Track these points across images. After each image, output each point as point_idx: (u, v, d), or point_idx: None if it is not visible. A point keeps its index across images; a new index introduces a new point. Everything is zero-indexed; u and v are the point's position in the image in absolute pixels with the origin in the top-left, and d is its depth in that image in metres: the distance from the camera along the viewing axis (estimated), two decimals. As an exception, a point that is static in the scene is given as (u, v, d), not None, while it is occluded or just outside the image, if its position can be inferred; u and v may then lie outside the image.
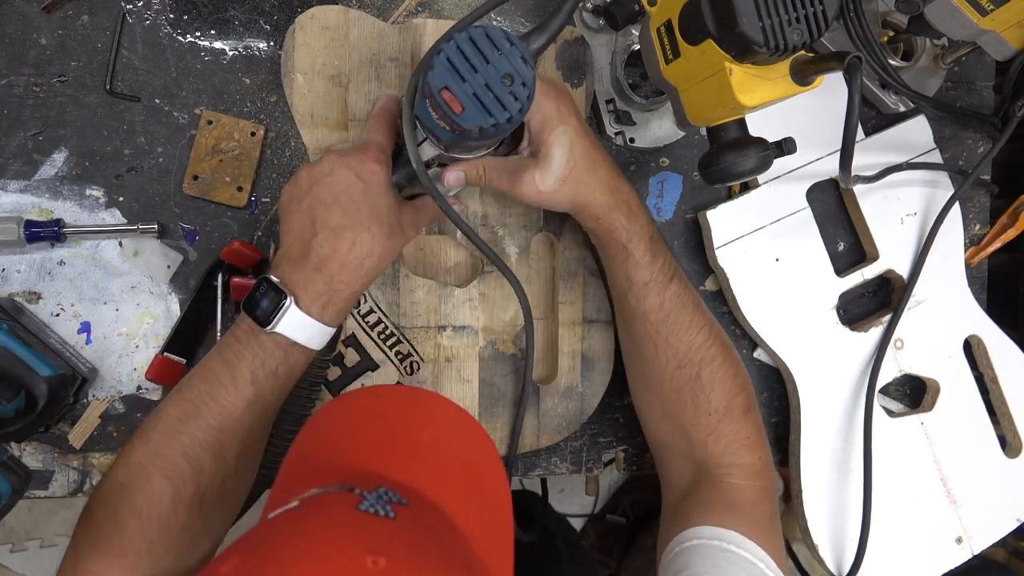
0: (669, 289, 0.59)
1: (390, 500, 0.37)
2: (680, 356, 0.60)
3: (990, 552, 0.91)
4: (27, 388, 0.61)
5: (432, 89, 0.47)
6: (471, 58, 0.47)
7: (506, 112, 0.48)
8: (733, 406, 0.59)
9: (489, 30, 0.48)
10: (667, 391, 0.61)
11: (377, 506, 0.36)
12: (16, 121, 0.65)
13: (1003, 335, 0.78)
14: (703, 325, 0.60)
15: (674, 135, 0.72)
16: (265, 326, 0.54)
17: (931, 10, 0.63)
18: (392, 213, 0.58)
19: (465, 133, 0.48)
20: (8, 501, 0.53)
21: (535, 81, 0.49)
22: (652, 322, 0.60)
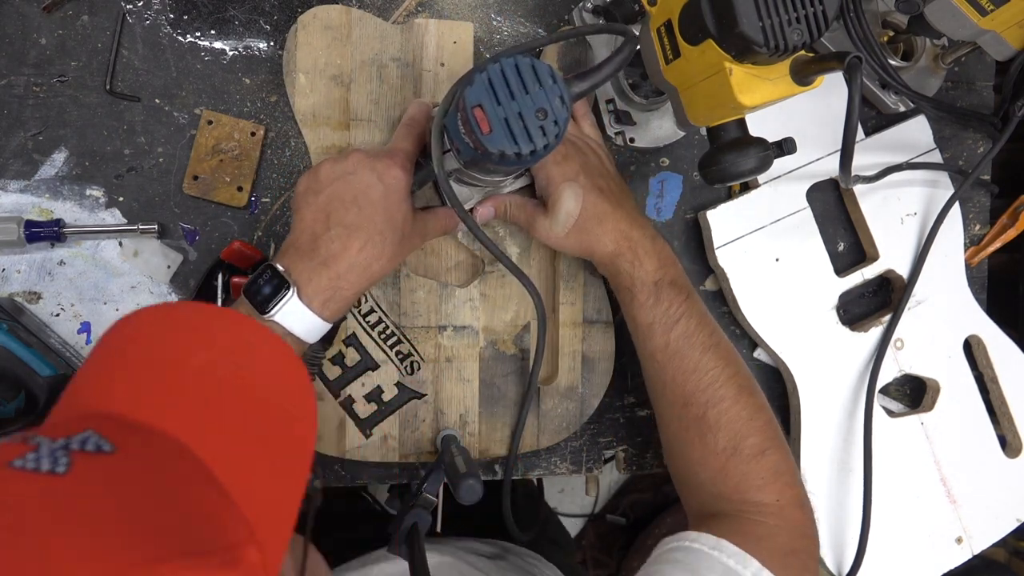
0: (674, 331, 0.60)
1: (81, 449, 0.29)
2: (687, 396, 0.60)
3: (990, 552, 0.90)
4: (27, 388, 0.61)
5: (467, 103, 0.48)
6: (512, 84, 0.48)
7: (531, 144, 0.48)
8: (742, 448, 0.59)
9: (537, 64, 0.48)
10: (675, 429, 0.62)
11: (43, 460, 0.28)
12: (16, 121, 0.65)
13: (1003, 335, 0.78)
14: (713, 367, 0.60)
15: (674, 135, 0.72)
16: (264, 312, 0.54)
17: (931, 10, 0.63)
18: (406, 222, 0.58)
19: (487, 154, 0.49)
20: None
21: (567, 123, 0.49)
22: (659, 361, 0.62)
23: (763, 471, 0.59)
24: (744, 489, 0.58)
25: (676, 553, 0.54)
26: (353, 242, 0.56)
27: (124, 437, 0.31)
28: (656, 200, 0.75)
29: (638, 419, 0.76)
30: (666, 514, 1.55)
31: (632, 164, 0.74)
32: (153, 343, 0.37)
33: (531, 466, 0.74)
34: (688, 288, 0.62)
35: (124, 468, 0.30)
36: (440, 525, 0.65)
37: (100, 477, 0.29)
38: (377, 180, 0.56)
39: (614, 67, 0.51)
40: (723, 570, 0.52)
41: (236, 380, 0.36)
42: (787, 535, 0.57)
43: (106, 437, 0.30)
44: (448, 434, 0.68)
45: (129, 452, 0.30)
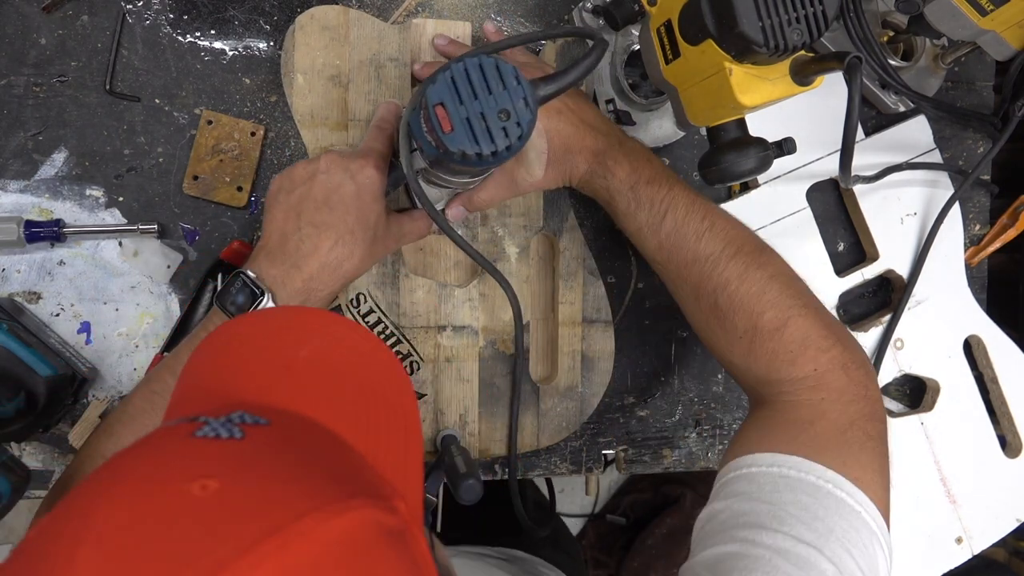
0: (663, 229, 0.59)
1: (243, 422, 0.33)
2: (695, 288, 0.59)
3: (990, 552, 0.91)
4: (27, 388, 0.61)
5: (428, 102, 0.47)
6: (475, 84, 0.47)
7: (493, 145, 0.48)
8: (760, 326, 0.56)
9: (501, 64, 0.48)
10: (699, 324, 0.61)
11: (220, 430, 0.32)
12: (16, 121, 0.65)
13: (1003, 335, 0.78)
14: (711, 252, 0.57)
15: (674, 135, 0.72)
16: None
17: (931, 10, 0.63)
18: (379, 222, 0.58)
19: (448, 154, 0.48)
20: (8, 501, 0.53)
21: (531, 126, 0.49)
22: (660, 262, 0.61)
23: (789, 344, 0.55)
24: (777, 368, 0.55)
25: (738, 484, 0.51)
26: (324, 241, 0.55)
27: (271, 415, 0.34)
28: (656, 200, 0.75)
29: (638, 419, 0.76)
30: (666, 514, 1.55)
31: (632, 164, 0.74)
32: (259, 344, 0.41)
33: (531, 466, 0.74)
34: (669, 179, 0.60)
35: (284, 435, 0.33)
36: (440, 525, 0.65)
37: (271, 441, 0.32)
38: (349, 179, 0.56)
39: (582, 71, 0.51)
40: (787, 485, 0.48)
41: (339, 367, 0.40)
42: (836, 407, 0.53)
43: (257, 415, 0.34)
44: (448, 434, 0.68)
45: (281, 424, 0.34)
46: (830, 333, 0.56)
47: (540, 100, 0.50)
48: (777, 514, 0.47)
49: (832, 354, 0.55)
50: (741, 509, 0.48)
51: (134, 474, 0.30)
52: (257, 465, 0.30)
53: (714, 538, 0.48)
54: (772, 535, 0.46)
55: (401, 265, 0.68)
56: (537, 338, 0.72)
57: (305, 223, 0.56)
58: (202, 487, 0.28)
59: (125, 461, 0.31)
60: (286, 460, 0.31)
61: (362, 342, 0.41)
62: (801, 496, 0.48)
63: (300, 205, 0.56)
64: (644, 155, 0.60)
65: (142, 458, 0.31)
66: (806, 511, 0.47)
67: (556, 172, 0.61)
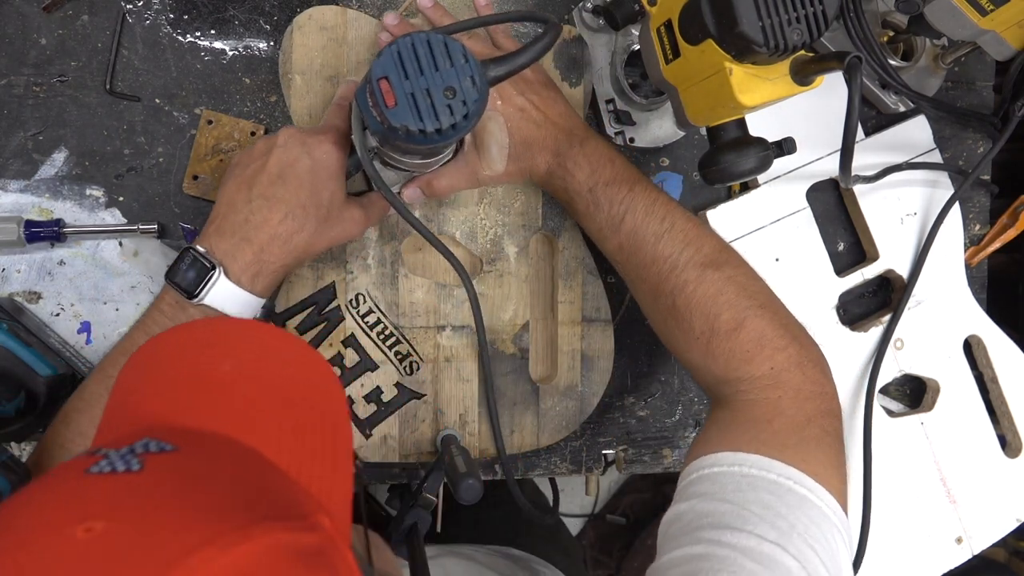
0: (622, 230, 0.59)
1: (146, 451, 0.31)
2: (653, 289, 0.59)
3: (990, 552, 0.90)
4: (27, 388, 0.61)
5: (373, 75, 0.47)
6: (421, 59, 0.47)
7: (436, 122, 0.47)
8: (717, 327, 0.56)
9: (450, 42, 0.48)
10: (657, 323, 0.61)
11: (117, 463, 0.30)
12: (16, 121, 0.65)
13: (1003, 335, 0.78)
14: (669, 254, 0.58)
15: (674, 135, 0.72)
16: (192, 298, 0.53)
17: (931, 10, 0.63)
18: (334, 200, 0.57)
19: (392, 130, 0.48)
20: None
21: (480, 105, 0.48)
22: (619, 262, 0.62)
23: (745, 344, 0.56)
24: (735, 367, 0.56)
25: (701, 485, 0.51)
26: (273, 214, 0.55)
27: (180, 439, 0.32)
28: (656, 200, 0.75)
29: (638, 419, 0.76)
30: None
31: (632, 164, 0.74)
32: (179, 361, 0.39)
33: (531, 466, 0.74)
34: (630, 180, 0.60)
35: (191, 461, 0.31)
36: (440, 525, 0.65)
37: (173, 469, 0.30)
38: (306, 154, 0.56)
39: (533, 54, 0.51)
40: (749, 484, 0.49)
41: (262, 378, 0.38)
42: (793, 404, 0.54)
43: (164, 440, 0.32)
44: (448, 434, 0.68)
45: (191, 449, 0.32)
46: (786, 332, 0.57)
47: (491, 81, 0.50)
48: (741, 514, 0.47)
49: (788, 352, 0.56)
50: (705, 510, 0.49)
51: (22, 520, 0.29)
52: (151, 499, 0.29)
53: (679, 539, 0.48)
54: (736, 534, 0.46)
55: (400, 265, 0.68)
56: (537, 338, 0.72)
57: (256, 196, 0.55)
58: (86, 530, 0.27)
59: (17, 505, 0.30)
60: (184, 490, 0.29)
61: (290, 350, 0.40)
62: (763, 494, 0.48)
63: (253, 178, 0.56)
64: (606, 156, 0.60)
65: (33, 502, 0.30)
66: (769, 509, 0.47)
67: (516, 167, 0.62)
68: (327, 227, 0.58)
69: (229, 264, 0.54)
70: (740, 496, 0.48)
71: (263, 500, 0.30)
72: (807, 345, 0.57)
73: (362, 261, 0.67)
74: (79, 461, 0.31)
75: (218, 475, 0.31)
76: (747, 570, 0.44)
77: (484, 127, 0.60)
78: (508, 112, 0.60)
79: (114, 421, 0.37)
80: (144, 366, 0.39)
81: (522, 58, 0.51)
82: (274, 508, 0.30)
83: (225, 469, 0.32)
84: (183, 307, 0.54)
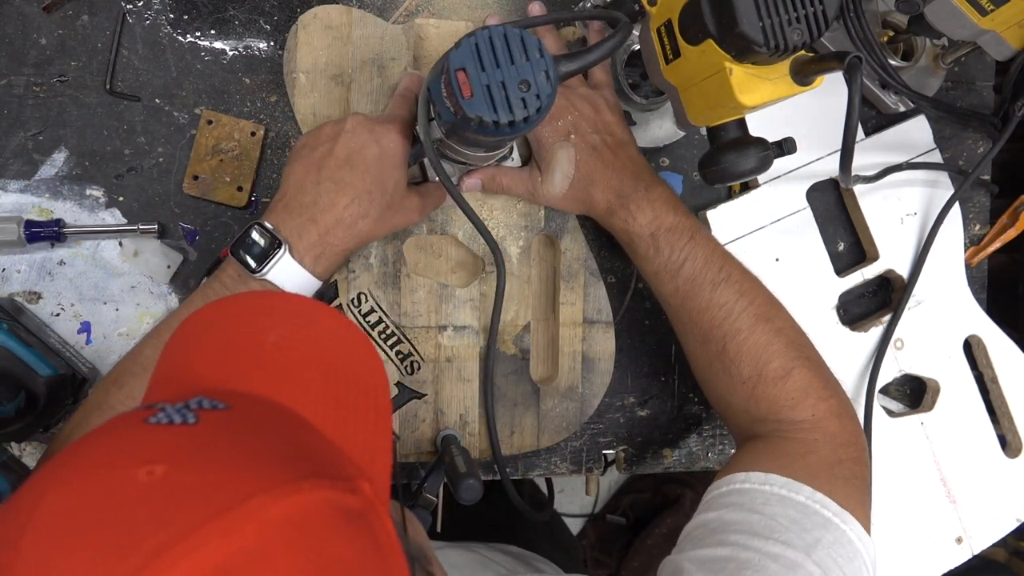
0: (680, 276, 0.61)
1: (200, 407, 0.32)
2: (704, 333, 0.61)
3: (990, 552, 0.91)
4: (27, 388, 0.61)
5: (450, 66, 0.48)
6: (498, 52, 0.48)
7: (511, 114, 0.48)
8: (765, 373, 0.59)
9: (526, 36, 0.48)
10: (701, 366, 0.63)
11: (174, 415, 0.32)
12: (16, 121, 0.65)
13: (1003, 335, 0.78)
14: (724, 302, 0.60)
15: (674, 135, 0.72)
16: (256, 272, 0.54)
17: (931, 10, 0.63)
18: (397, 188, 0.59)
19: (465, 120, 0.48)
20: (8, 501, 0.53)
21: (551, 99, 0.49)
22: (673, 305, 0.63)
23: (791, 391, 0.58)
24: (776, 411, 0.59)
25: (729, 497, 0.53)
26: (341, 198, 0.56)
27: (231, 399, 0.34)
28: (656, 200, 0.75)
29: (638, 419, 0.76)
30: (666, 514, 1.55)
31: (632, 164, 0.74)
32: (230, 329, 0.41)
33: (531, 466, 0.74)
34: (691, 228, 0.62)
35: (242, 418, 0.33)
36: (440, 525, 0.65)
37: (226, 425, 0.32)
38: (374, 142, 0.57)
39: (605, 50, 0.52)
40: (778, 501, 0.51)
41: (307, 350, 0.40)
42: (828, 447, 0.57)
43: (216, 399, 0.33)
44: (448, 434, 0.68)
45: (242, 408, 0.34)
46: (828, 385, 0.60)
47: (562, 76, 0.50)
48: (768, 524, 0.49)
49: (830, 403, 0.59)
50: (732, 519, 0.51)
51: (85, 460, 0.30)
52: (207, 449, 0.30)
53: (704, 540, 0.50)
54: (763, 541, 0.48)
55: (402, 265, 0.68)
56: (538, 339, 0.72)
57: (325, 178, 0.56)
58: (148, 472, 0.28)
59: (80, 447, 0.32)
60: (239, 443, 0.31)
61: (332, 323, 0.41)
62: (791, 511, 0.50)
63: (322, 161, 0.57)
64: (669, 203, 0.62)
65: (95, 444, 0.31)
66: (795, 524, 0.49)
67: (574, 197, 0.64)
68: (389, 214, 0.59)
69: (295, 242, 0.55)
70: (769, 509, 0.50)
71: (310, 459, 0.31)
72: (846, 401, 0.60)
73: (364, 260, 0.67)
74: (137, 413, 0.32)
75: (268, 433, 0.33)
76: (771, 571, 0.46)
77: (554, 153, 0.62)
78: (581, 147, 0.62)
79: (166, 379, 0.39)
80: (196, 331, 0.41)
81: (593, 55, 0.52)
82: (320, 467, 0.31)
83: (274, 428, 0.33)
84: (244, 280, 0.55)
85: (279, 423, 0.34)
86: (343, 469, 0.32)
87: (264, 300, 0.44)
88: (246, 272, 0.55)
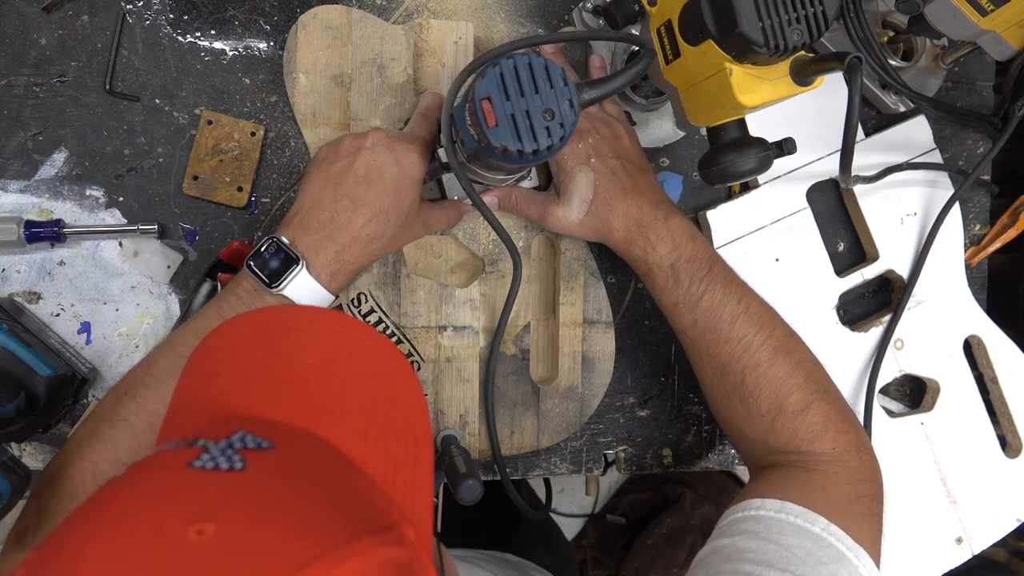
0: (699, 308, 0.60)
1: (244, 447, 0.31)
2: (722, 366, 0.60)
3: (990, 552, 0.91)
4: (27, 388, 0.60)
5: (475, 95, 0.48)
6: (523, 82, 0.48)
7: (535, 143, 0.48)
8: (785, 407, 0.59)
9: (551, 65, 0.49)
10: (718, 398, 0.63)
11: (219, 459, 0.30)
12: (16, 121, 0.65)
13: (1003, 335, 0.78)
14: (743, 335, 0.60)
15: (674, 135, 0.72)
16: (272, 287, 0.54)
17: (931, 10, 0.63)
18: (412, 209, 0.59)
19: (490, 148, 0.49)
20: (8, 501, 0.53)
21: (574, 127, 0.49)
22: (690, 337, 0.62)
23: (811, 425, 0.58)
24: (796, 443, 0.58)
25: (745, 524, 0.53)
26: (358, 216, 0.56)
27: (274, 434, 0.32)
28: (656, 200, 0.75)
29: (638, 419, 0.76)
30: (666, 514, 1.55)
31: (632, 164, 0.74)
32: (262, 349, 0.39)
33: (531, 466, 0.74)
34: (710, 260, 0.61)
35: (289, 461, 0.31)
36: (440, 525, 0.65)
37: (274, 470, 0.30)
38: (393, 161, 0.57)
39: (628, 78, 0.52)
40: (794, 531, 0.51)
41: (347, 374, 0.38)
42: (847, 481, 0.57)
43: (259, 435, 0.32)
44: (448, 434, 0.68)
45: (287, 447, 0.32)
46: (847, 418, 0.60)
47: (584, 104, 0.51)
48: (783, 555, 0.49)
49: (849, 437, 0.59)
50: (747, 546, 0.50)
51: (131, 513, 0.28)
52: (258, 504, 0.29)
53: (718, 568, 0.50)
54: (777, 573, 0.47)
55: (402, 265, 0.68)
56: (537, 339, 0.72)
57: (342, 195, 0.56)
58: (198, 532, 0.27)
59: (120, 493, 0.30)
60: (289, 497, 0.29)
61: (373, 345, 0.39)
62: (806, 543, 0.50)
63: (340, 177, 0.57)
64: (688, 233, 0.62)
65: (138, 494, 0.29)
66: (810, 556, 0.49)
67: (591, 223, 0.62)
68: (403, 232, 0.59)
69: (311, 259, 0.55)
70: (784, 539, 0.50)
71: (358, 508, 0.30)
72: (862, 434, 0.60)
73: (362, 261, 0.67)
74: (179, 453, 0.31)
75: (315, 478, 0.31)
76: None
77: (573, 177, 0.62)
78: (600, 171, 0.62)
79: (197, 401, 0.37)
80: (225, 349, 0.39)
81: (616, 82, 0.52)
82: (369, 518, 0.30)
83: (321, 472, 0.32)
84: (260, 295, 0.55)
85: (323, 466, 0.32)
86: (388, 516, 0.31)
87: (299, 317, 0.42)
88: (263, 286, 0.54)
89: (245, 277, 0.56)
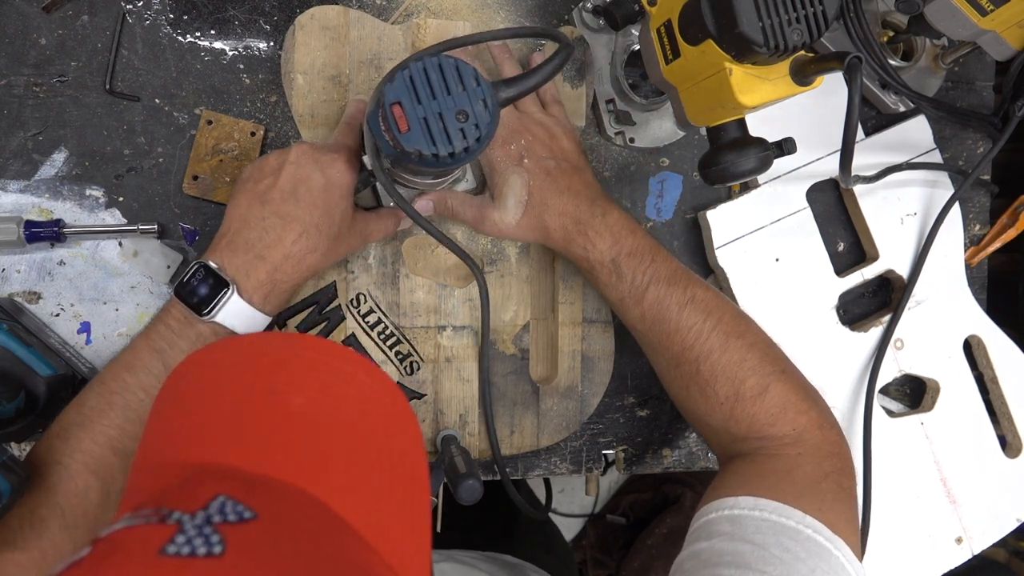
0: (645, 300, 0.60)
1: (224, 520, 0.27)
2: (676, 356, 0.60)
3: (990, 552, 0.90)
4: (27, 388, 0.60)
5: (385, 101, 0.47)
6: (433, 84, 0.47)
7: (450, 146, 0.47)
8: (742, 392, 0.58)
9: (461, 65, 0.48)
10: (676, 389, 0.62)
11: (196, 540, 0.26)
12: (16, 121, 0.65)
13: (1003, 335, 0.78)
14: (693, 323, 0.59)
15: (674, 135, 0.72)
16: (203, 314, 0.52)
17: (931, 10, 0.63)
18: (344, 219, 0.58)
19: (405, 154, 0.48)
20: (8, 501, 0.53)
21: (491, 128, 0.48)
22: (641, 331, 0.62)
23: (770, 408, 0.58)
24: (757, 428, 0.58)
25: (720, 525, 0.52)
26: (288, 233, 0.55)
27: (257, 498, 0.29)
28: (656, 200, 0.75)
29: (638, 419, 0.76)
30: (666, 514, 1.55)
31: (632, 164, 0.74)
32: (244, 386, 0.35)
33: (531, 466, 0.74)
34: (651, 251, 0.61)
35: (273, 535, 0.29)
36: (440, 525, 0.65)
37: (257, 551, 0.28)
38: (319, 173, 0.56)
39: (544, 75, 0.51)
40: (769, 527, 0.50)
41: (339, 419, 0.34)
42: (812, 461, 0.56)
43: (240, 501, 0.29)
44: (448, 434, 0.68)
45: (270, 515, 0.29)
46: (807, 396, 0.59)
47: (502, 102, 0.50)
48: (762, 555, 0.48)
49: (810, 416, 0.58)
50: (725, 549, 0.49)
51: None
52: None
53: (698, 573, 0.49)
54: (756, 575, 0.47)
55: (401, 265, 0.68)
56: (537, 338, 0.72)
57: (270, 213, 0.55)
58: None
59: None
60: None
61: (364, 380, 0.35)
62: (783, 539, 0.49)
63: (266, 194, 0.55)
64: (627, 227, 0.61)
65: None
66: (788, 553, 0.48)
67: (528, 224, 0.62)
68: (337, 244, 0.58)
69: (242, 281, 0.54)
70: (761, 538, 0.49)
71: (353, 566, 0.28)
72: (825, 409, 0.60)
73: (363, 261, 0.67)
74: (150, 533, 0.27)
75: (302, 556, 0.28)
76: None
77: (506, 179, 0.61)
78: (534, 171, 0.61)
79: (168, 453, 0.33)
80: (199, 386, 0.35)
81: (533, 79, 0.51)
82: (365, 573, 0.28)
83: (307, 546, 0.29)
84: (191, 323, 0.53)
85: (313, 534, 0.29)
86: None
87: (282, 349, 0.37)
88: (192, 315, 0.53)
89: (174, 305, 0.54)
